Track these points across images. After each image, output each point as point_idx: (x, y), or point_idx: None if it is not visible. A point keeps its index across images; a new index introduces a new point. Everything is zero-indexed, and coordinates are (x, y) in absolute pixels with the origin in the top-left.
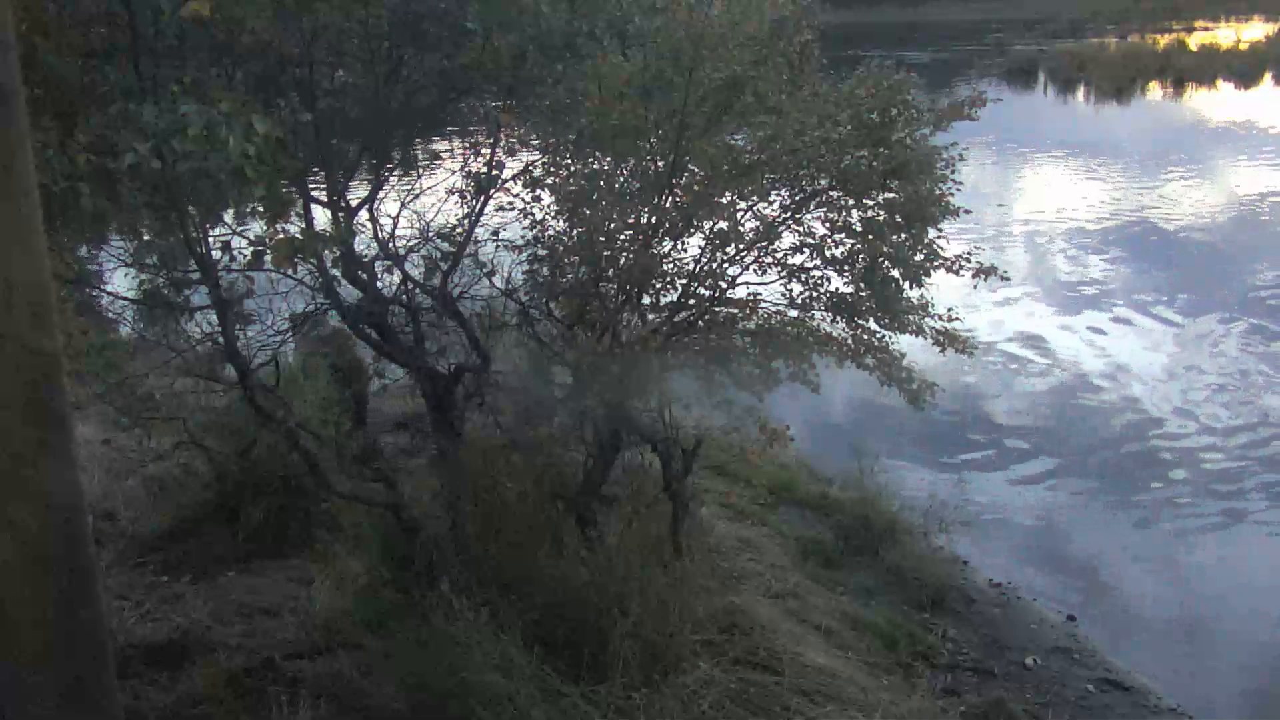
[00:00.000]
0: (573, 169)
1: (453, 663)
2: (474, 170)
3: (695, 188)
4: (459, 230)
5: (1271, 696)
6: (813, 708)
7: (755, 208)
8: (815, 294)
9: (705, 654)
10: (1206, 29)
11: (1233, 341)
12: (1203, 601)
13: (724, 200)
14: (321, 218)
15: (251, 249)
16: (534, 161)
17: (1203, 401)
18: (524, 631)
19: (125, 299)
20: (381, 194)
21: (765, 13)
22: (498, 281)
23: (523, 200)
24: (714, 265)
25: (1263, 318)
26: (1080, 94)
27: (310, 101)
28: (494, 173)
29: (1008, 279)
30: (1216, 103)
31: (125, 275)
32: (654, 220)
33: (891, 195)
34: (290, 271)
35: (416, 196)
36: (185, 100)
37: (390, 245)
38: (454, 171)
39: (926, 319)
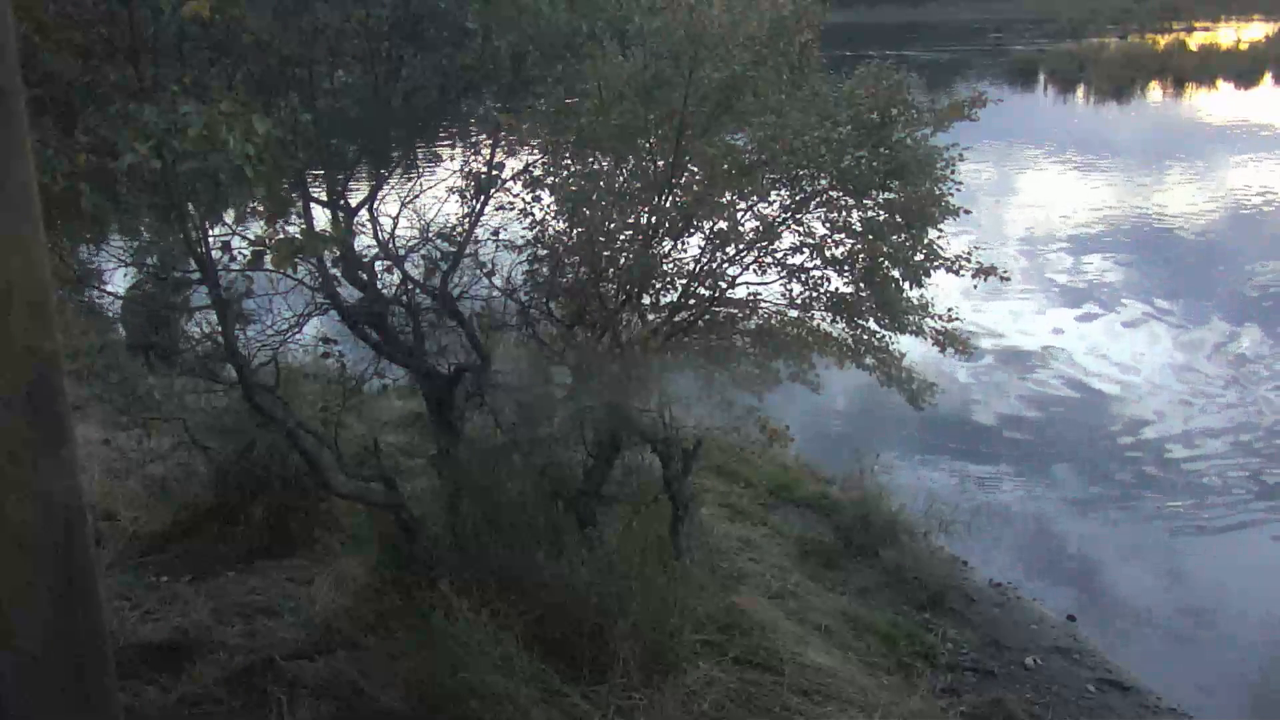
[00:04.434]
0: (573, 169)
1: (453, 663)
2: (474, 170)
3: (695, 188)
4: (459, 230)
5: (1271, 697)
6: (813, 708)
7: (755, 208)
8: (815, 294)
9: (705, 654)
10: (1206, 29)
11: (1234, 341)
12: (1202, 602)
13: (724, 200)
14: (321, 218)
15: (251, 249)
16: (534, 161)
17: (1203, 402)
18: (524, 631)
19: (125, 299)
20: (381, 194)
21: (765, 13)
22: (498, 281)
23: (523, 200)
24: (714, 265)
25: (1263, 318)
26: (1080, 94)
27: (310, 101)
28: (494, 173)
29: (1007, 279)
30: (1216, 103)
31: (125, 275)
32: (654, 220)
33: (891, 195)
34: (290, 271)
35: (416, 196)
36: (185, 100)
37: (390, 245)
38: (454, 172)
39: (926, 319)
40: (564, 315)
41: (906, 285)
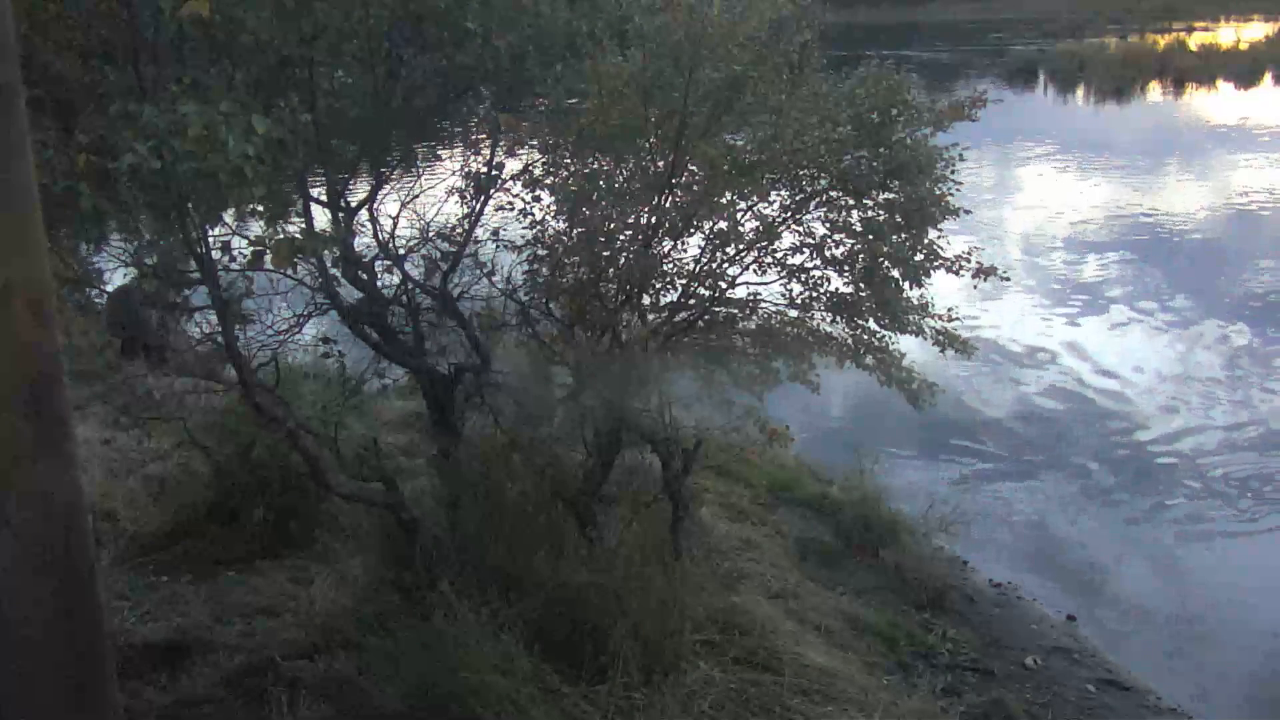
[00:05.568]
0: (573, 169)
1: (453, 663)
2: (474, 170)
3: (695, 188)
4: (459, 230)
5: (1271, 697)
6: (813, 708)
7: (755, 208)
8: (815, 294)
9: (705, 654)
10: (1206, 29)
11: (1232, 342)
12: (1202, 601)
13: (724, 200)
14: (321, 218)
15: (251, 249)
16: (534, 161)
17: (1203, 402)
18: (524, 631)
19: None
20: (381, 194)
21: (765, 13)
22: (498, 281)
23: (523, 200)
24: (714, 265)
25: (1262, 318)
26: (1080, 94)
27: (310, 101)
28: (494, 173)
29: (1007, 279)
30: (1216, 103)
31: (125, 275)
32: (654, 220)
33: (891, 195)
34: (290, 271)
35: (416, 196)
36: (185, 100)
37: (390, 245)
38: (454, 172)
39: (926, 319)
40: (564, 315)
41: (906, 285)
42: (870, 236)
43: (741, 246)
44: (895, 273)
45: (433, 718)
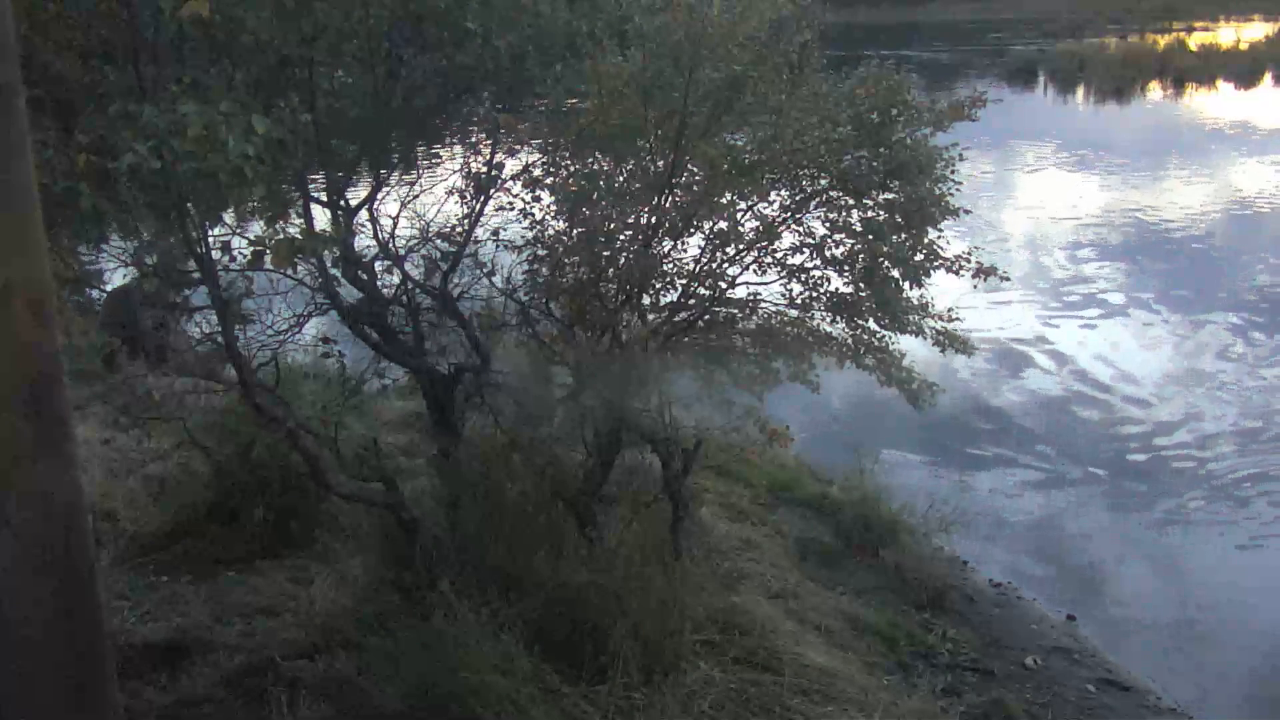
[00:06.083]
0: (573, 169)
1: (453, 663)
2: (474, 170)
3: (695, 188)
4: (459, 230)
5: (1271, 696)
6: (813, 708)
7: (755, 208)
8: (815, 294)
9: (705, 654)
10: (1207, 29)
11: (1233, 342)
12: (1202, 601)
13: (724, 200)
14: (321, 218)
15: (251, 249)
16: (534, 161)
17: (1203, 402)
18: (524, 631)
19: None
20: (381, 194)
21: (765, 13)
22: (498, 281)
23: (523, 200)
24: (714, 265)
25: (1262, 318)
26: (1080, 94)
27: (310, 101)
28: (494, 173)
29: (1008, 279)
30: (1216, 103)
31: (125, 275)
32: (654, 220)
33: (891, 195)
34: (290, 271)
35: (416, 197)
36: (185, 100)
37: (390, 245)
38: (454, 172)
39: (926, 319)
40: (564, 315)
41: (906, 285)
42: (870, 236)
43: (741, 246)
44: (895, 273)
45: (433, 718)
